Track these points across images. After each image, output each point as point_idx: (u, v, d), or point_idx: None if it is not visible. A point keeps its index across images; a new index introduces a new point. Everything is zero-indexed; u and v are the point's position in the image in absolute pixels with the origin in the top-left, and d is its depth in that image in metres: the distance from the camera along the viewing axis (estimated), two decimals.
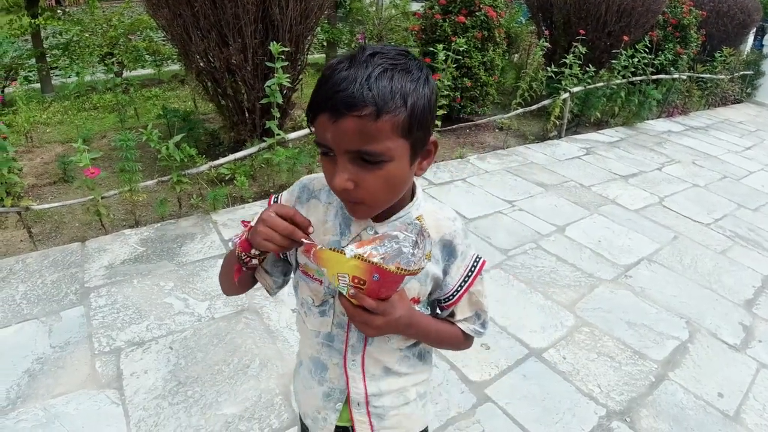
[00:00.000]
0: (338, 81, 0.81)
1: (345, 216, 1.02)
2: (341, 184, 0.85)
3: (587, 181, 5.01)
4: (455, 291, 1.06)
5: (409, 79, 0.84)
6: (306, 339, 1.16)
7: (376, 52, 0.84)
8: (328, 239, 1.03)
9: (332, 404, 1.13)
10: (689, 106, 8.35)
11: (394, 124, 0.82)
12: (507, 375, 2.54)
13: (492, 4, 5.70)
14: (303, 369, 1.19)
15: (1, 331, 2.66)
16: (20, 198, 3.75)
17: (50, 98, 6.90)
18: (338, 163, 0.85)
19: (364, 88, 0.79)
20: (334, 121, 0.81)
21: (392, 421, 1.14)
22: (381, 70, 0.81)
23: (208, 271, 3.20)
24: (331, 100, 0.81)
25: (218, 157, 4.28)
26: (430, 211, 1.05)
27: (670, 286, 3.42)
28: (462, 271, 1.06)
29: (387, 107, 0.81)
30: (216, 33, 3.95)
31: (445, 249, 1.05)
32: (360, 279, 0.84)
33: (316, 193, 1.08)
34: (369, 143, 0.82)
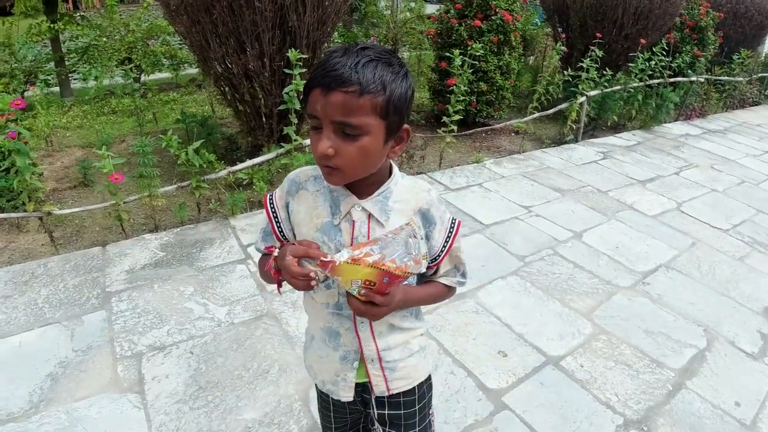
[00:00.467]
0: (332, 64, 1.00)
1: (333, 198, 1.17)
2: (323, 149, 1.02)
3: (604, 186, 4.98)
4: (440, 251, 1.24)
5: (390, 71, 1.02)
6: (316, 313, 1.31)
7: (366, 46, 1.03)
8: (321, 221, 1.18)
9: (349, 365, 1.29)
10: (707, 109, 8.27)
11: (374, 105, 1.00)
12: (524, 383, 2.55)
13: (508, 8, 5.69)
14: (316, 342, 1.34)
15: (24, 334, 2.72)
16: (42, 203, 3.82)
17: (70, 102, 7.01)
18: (324, 132, 1.03)
19: (352, 71, 0.98)
20: (325, 94, 0.99)
21: (402, 372, 1.32)
22: (367, 59, 1.00)
23: (227, 276, 3.24)
24: (324, 78, 0.99)
25: (236, 161, 4.32)
26: (408, 185, 1.22)
27: (688, 294, 3.40)
28: (443, 234, 1.23)
29: (369, 89, 0.99)
30: (234, 39, 3.99)
31: (423, 217, 1.21)
32: (371, 282, 1.03)
33: (303, 184, 1.22)
34: (351, 116, 1.00)
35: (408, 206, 1.19)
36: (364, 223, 1.15)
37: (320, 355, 1.32)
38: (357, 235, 1.15)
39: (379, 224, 1.15)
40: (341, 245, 1.14)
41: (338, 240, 1.15)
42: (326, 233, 1.16)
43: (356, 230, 1.15)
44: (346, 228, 1.16)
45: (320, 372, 1.35)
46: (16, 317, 2.84)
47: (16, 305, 2.94)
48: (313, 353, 1.35)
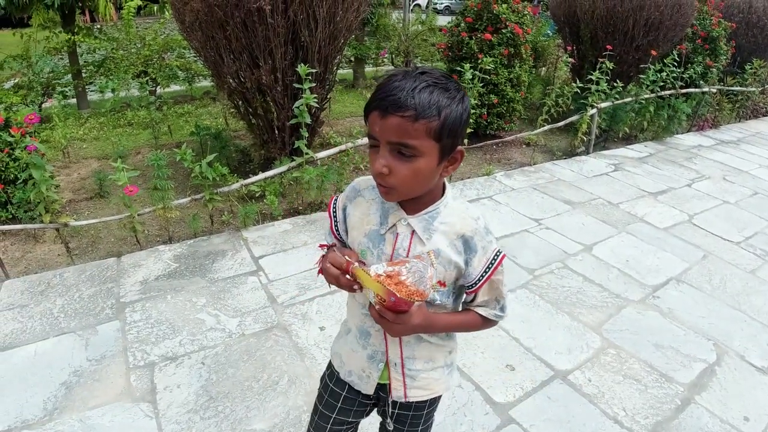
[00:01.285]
0: (391, 88, 1.05)
1: (384, 210, 1.23)
2: (379, 168, 1.08)
3: (615, 199, 4.98)
4: (477, 280, 1.25)
5: (446, 96, 1.06)
6: (354, 311, 1.37)
7: (425, 71, 1.08)
8: (369, 228, 1.25)
9: (375, 364, 1.36)
10: (720, 120, 8.22)
11: (428, 128, 1.04)
12: (532, 397, 2.55)
13: (518, 21, 5.73)
14: (351, 336, 1.41)
15: (40, 343, 2.78)
16: (58, 214, 3.89)
17: (86, 114, 7.14)
18: (380, 151, 1.08)
19: (409, 96, 1.02)
20: (383, 117, 1.05)
21: (422, 383, 1.37)
22: (425, 85, 1.04)
23: (238, 288, 3.29)
24: (383, 101, 1.05)
25: (248, 174, 4.38)
26: (458, 209, 1.24)
27: (698, 307, 3.38)
28: (483, 263, 1.24)
29: (424, 114, 1.03)
30: (247, 55, 4.06)
31: (465, 244, 1.22)
32: (381, 297, 1.08)
33: (362, 192, 1.30)
34: (406, 138, 1.04)
35: (452, 229, 1.21)
36: (406, 238, 1.20)
37: (352, 349, 1.40)
38: (398, 247, 1.21)
39: (421, 242, 1.19)
40: (383, 254, 1.22)
41: (381, 248, 1.22)
42: (372, 240, 1.23)
43: (398, 243, 1.21)
44: (389, 239, 1.22)
45: (348, 363, 1.43)
46: (32, 326, 2.90)
47: (32, 314, 3.00)
48: (347, 345, 1.43)
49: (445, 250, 1.20)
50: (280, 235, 3.97)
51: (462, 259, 1.22)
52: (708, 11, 7.75)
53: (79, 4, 7.13)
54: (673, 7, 6.48)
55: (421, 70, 1.08)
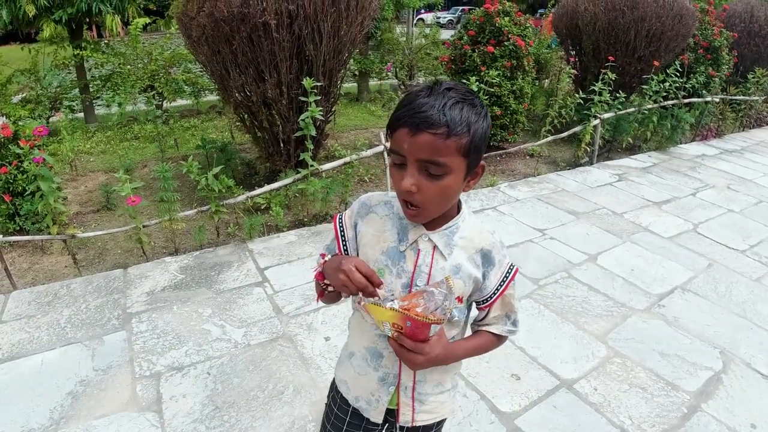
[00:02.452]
0: (420, 104, 1.02)
1: (402, 225, 1.20)
2: (407, 186, 1.05)
3: (619, 209, 4.98)
4: (492, 293, 1.25)
5: (474, 112, 1.05)
6: (363, 333, 1.32)
7: (450, 87, 1.06)
8: (387, 245, 1.20)
9: (386, 387, 1.31)
10: (723, 129, 8.24)
11: (459, 145, 1.03)
12: (537, 406, 2.55)
13: (520, 34, 5.78)
14: (356, 359, 1.35)
15: (47, 353, 2.80)
16: (65, 226, 3.93)
17: (93, 128, 7.21)
18: (408, 170, 1.06)
19: (440, 113, 1.00)
20: (413, 134, 1.02)
21: (430, 407, 1.34)
22: (454, 101, 1.03)
23: (244, 299, 3.30)
24: (413, 118, 1.02)
25: (254, 186, 4.42)
26: (474, 224, 1.24)
27: (704, 316, 3.37)
28: (498, 277, 1.25)
29: (455, 131, 1.01)
30: (253, 69, 4.12)
31: (484, 258, 1.23)
32: (398, 325, 1.07)
33: (374, 207, 1.26)
34: (437, 156, 1.02)
35: (471, 244, 1.21)
36: (428, 254, 1.18)
37: (359, 372, 1.34)
38: (420, 263, 1.18)
39: (443, 257, 1.18)
40: (403, 271, 1.18)
41: (401, 266, 1.18)
42: (390, 257, 1.19)
43: (420, 259, 1.18)
44: (410, 256, 1.18)
45: (355, 388, 1.37)
46: (39, 336, 2.93)
47: (39, 325, 3.03)
48: (351, 369, 1.37)
49: (465, 265, 1.20)
50: (285, 246, 3.99)
51: (480, 273, 1.22)
52: (709, 21, 7.79)
53: (87, 19, 7.24)
54: (675, 17, 6.51)
55: (446, 86, 1.06)
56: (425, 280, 1.17)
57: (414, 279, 1.18)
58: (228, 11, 3.81)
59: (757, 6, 9.05)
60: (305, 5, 3.89)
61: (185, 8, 4.18)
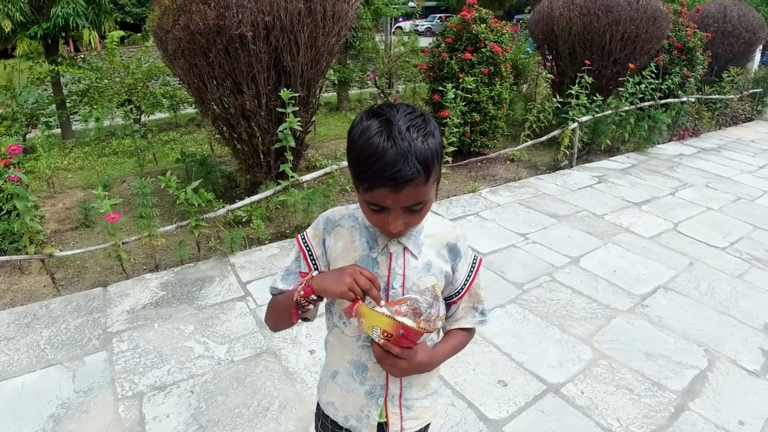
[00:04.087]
0: (389, 162, 1.00)
1: (370, 234, 1.23)
2: (398, 228, 1.10)
3: (600, 210, 5.02)
4: (462, 285, 1.30)
5: (432, 138, 1.05)
6: (345, 347, 1.31)
7: (406, 123, 1.03)
8: (358, 255, 1.22)
9: (374, 401, 1.31)
10: (700, 128, 8.37)
11: (434, 178, 1.07)
12: (525, 412, 2.54)
13: (497, 40, 5.82)
14: (341, 376, 1.34)
15: (27, 376, 2.73)
16: (43, 244, 3.86)
17: (71, 144, 7.12)
18: (393, 215, 1.09)
19: (413, 164, 1.00)
20: (396, 192, 1.03)
21: (416, 413, 1.35)
22: (419, 141, 1.02)
23: (227, 314, 3.26)
24: (390, 180, 1.01)
25: (235, 199, 4.38)
26: (436, 221, 1.29)
27: (687, 314, 3.40)
28: (466, 268, 1.30)
29: (430, 170, 1.04)
30: (230, 81, 4.09)
31: (451, 251, 1.28)
32: (388, 333, 1.07)
33: (339, 222, 1.27)
34: (420, 198, 1.07)
35: (437, 240, 1.26)
36: (399, 256, 1.21)
37: (346, 390, 1.33)
38: (394, 266, 1.21)
39: (413, 256, 1.22)
40: (378, 276, 1.18)
41: (375, 272, 1.19)
42: (364, 265, 1.19)
43: (393, 262, 1.21)
44: (383, 261, 1.21)
45: (344, 407, 1.35)
46: (19, 359, 2.86)
47: (19, 347, 2.96)
48: (337, 388, 1.35)
49: (435, 261, 1.24)
50: (267, 259, 3.95)
51: (449, 266, 1.27)
52: (683, 23, 7.92)
53: (63, 34, 7.16)
54: (648, 20, 6.62)
55: (401, 121, 1.03)
56: (401, 282, 1.21)
57: (390, 282, 1.21)
58: (204, 24, 3.78)
59: (730, 6, 9.24)
60: (281, 16, 3.88)
61: (161, 22, 4.14)
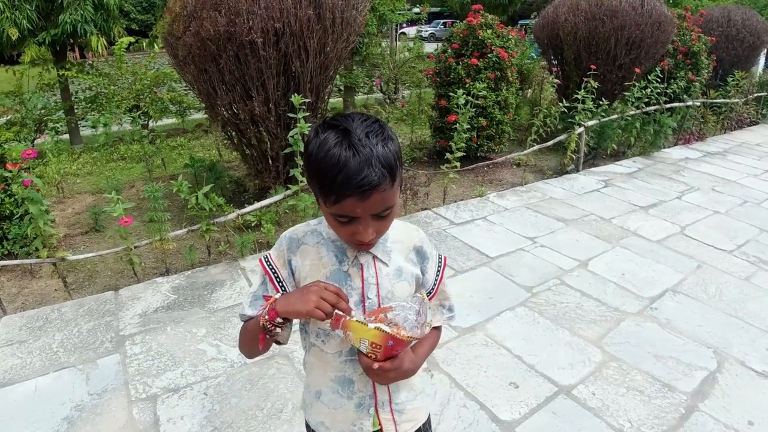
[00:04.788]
0: (354, 170, 0.99)
1: (338, 247, 1.21)
2: (369, 236, 1.09)
3: (607, 214, 5.04)
4: (433, 285, 1.32)
5: (391, 142, 1.06)
6: (326, 365, 1.29)
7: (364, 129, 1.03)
8: (329, 270, 1.20)
9: (365, 411, 1.29)
10: (705, 132, 8.37)
11: (398, 181, 1.07)
12: (537, 413, 2.55)
13: (503, 46, 5.85)
14: (326, 395, 1.31)
15: (40, 378, 2.76)
16: (54, 249, 3.89)
17: (79, 150, 7.17)
18: (363, 224, 1.07)
19: (378, 170, 1.00)
20: (364, 200, 1.02)
21: (409, 415, 1.35)
22: (379, 146, 1.02)
23: (238, 317, 3.27)
24: (357, 188, 1.00)
25: (243, 204, 4.41)
26: (399, 227, 1.29)
27: (696, 316, 3.41)
28: (434, 269, 1.33)
29: (394, 173, 1.04)
30: (240, 86, 4.13)
31: (418, 254, 1.30)
32: (377, 344, 1.07)
33: (303, 239, 1.25)
34: (388, 203, 1.06)
35: (403, 245, 1.27)
36: (370, 265, 1.21)
37: (334, 408, 1.30)
38: (366, 276, 1.20)
39: (384, 264, 1.22)
40: (352, 289, 1.19)
41: (349, 285, 1.19)
42: (337, 280, 1.18)
43: (365, 272, 1.20)
44: (354, 273, 1.20)
45: (335, 425, 1.33)
46: (31, 362, 2.89)
47: (31, 350, 2.99)
48: (323, 407, 1.32)
49: (405, 265, 1.26)
50: None
51: (419, 269, 1.29)
52: (687, 27, 7.94)
53: (71, 41, 7.23)
54: (653, 25, 6.65)
55: (359, 129, 1.03)
56: (375, 291, 1.20)
57: (365, 292, 1.20)
58: (214, 30, 3.82)
59: (734, 10, 9.26)
60: (291, 23, 3.92)
61: (171, 28, 4.18)
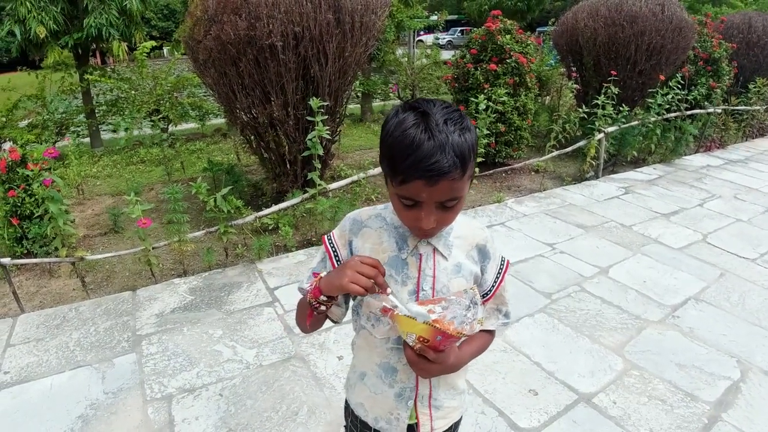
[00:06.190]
0: (428, 153, 0.97)
1: (399, 234, 1.20)
2: (429, 225, 1.06)
3: (628, 221, 4.96)
4: (490, 288, 1.28)
5: (468, 132, 1.03)
6: (373, 350, 1.29)
7: (443, 116, 1.01)
8: (387, 256, 1.19)
9: (404, 403, 1.29)
10: (726, 140, 8.24)
11: (469, 174, 1.04)
12: (557, 421, 2.50)
13: (522, 51, 5.82)
14: (369, 378, 1.32)
15: (56, 376, 2.77)
16: (74, 248, 3.92)
17: (99, 152, 7.25)
18: (426, 211, 1.05)
19: (451, 157, 0.98)
20: (431, 185, 1.00)
21: (444, 412, 1.33)
22: (456, 134, 0.99)
23: (254, 319, 3.28)
24: (428, 171, 0.98)
25: (261, 207, 4.42)
26: (465, 222, 1.26)
27: (718, 325, 3.33)
28: (494, 270, 1.28)
29: (466, 164, 1.01)
30: (260, 90, 4.14)
31: (480, 252, 1.26)
32: (425, 338, 1.04)
33: (366, 222, 1.25)
34: (455, 193, 1.03)
35: (466, 242, 1.24)
36: (429, 257, 1.19)
37: (375, 392, 1.31)
38: (424, 267, 1.18)
39: (443, 258, 1.19)
40: (408, 278, 1.18)
41: (405, 273, 1.18)
42: (393, 266, 1.18)
43: (423, 263, 1.18)
44: (412, 261, 1.18)
45: (373, 409, 1.34)
46: (48, 360, 2.91)
47: (48, 348, 3.01)
48: (365, 390, 1.34)
49: (465, 262, 1.22)
50: (294, 266, 3.97)
51: (479, 267, 1.25)
52: (708, 33, 7.84)
53: (94, 45, 7.33)
54: (674, 30, 6.56)
55: (438, 114, 1.01)
56: (431, 283, 1.18)
57: (420, 284, 1.18)
58: (235, 34, 3.84)
59: (755, 17, 9.12)
60: (311, 27, 3.93)
61: (192, 32, 4.22)
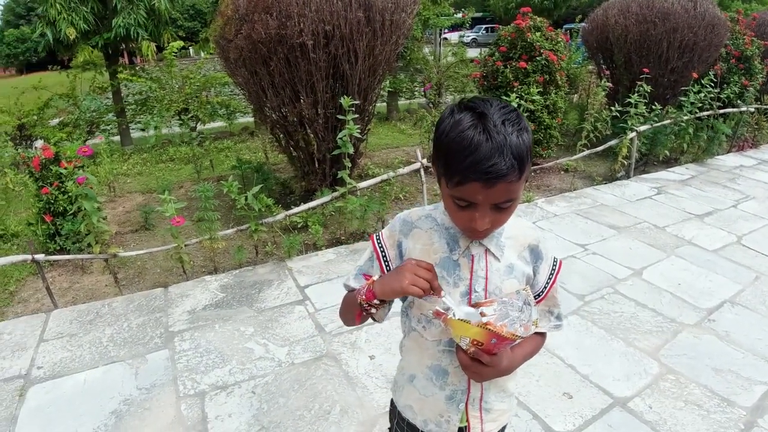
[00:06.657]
0: (485, 155, 0.97)
1: (450, 235, 1.19)
2: (484, 226, 1.05)
3: (661, 222, 4.87)
4: (543, 288, 1.26)
5: (526, 132, 1.02)
6: (423, 351, 1.28)
7: (501, 117, 1.00)
8: (438, 257, 1.18)
9: (455, 406, 1.27)
10: (759, 139, 8.04)
11: (525, 175, 1.03)
12: (592, 425, 2.46)
13: (552, 49, 5.75)
14: (419, 380, 1.31)
15: (89, 372, 2.82)
16: (106, 245, 3.99)
17: (130, 151, 7.37)
18: (481, 212, 1.04)
19: (509, 159, 0.97)
20: (488, 187, 0.99)
21: (494, 415, 1.31)
22: (514, 136, 0.98)
23: (286, 317, 3.29)
24: (486, 174, 0.97)
25: (290, 205, 4.44)
26: (517, 222, 1.24)
27: (755, 329, 3.25)
28: (547, 271, 1.26)
29: (523, 166, 1.00)
30: (290, 89, 4.16)
31: (532, 253, 1.24)
32: (479, 342, 1.03)
33: (416, 223, 1.24)
34: (511, 195, 1.02)
35: (518, 242, 1.22)
36: (482, 258, 1.17)
37: (425, 394, 1.30)
38: (476, 268, 1.17)
39: (496, 258, 1.18)
40: (460, 279, 1.17)
41: (457, 274, 1.17)
42: (445, 268, 1.17)
43: (475, 264, 1.17)
44: (464, 263, 1.17)
45: (422, 411, 1.32)
46: (81, 355, 2.95)
47: (81, 343, 3.06)
48: (415, 392, 1.32)
49: (517, 263, 1.21)
50: (324, 264, 3.98)
51: (531, 268, 1.23)
52: (740, 30, 7.66)
53: (122, 45, 7.45)
54: (707, 27, 6.42)
55: (496, 115, 1.00)
56: (483, 284, 1.17)
57: (472, 285, 1.17)
58: (266, 33, 3.86)
59: None
60: (341, 25, 3.93)
61: (223, 31, 4.25)
